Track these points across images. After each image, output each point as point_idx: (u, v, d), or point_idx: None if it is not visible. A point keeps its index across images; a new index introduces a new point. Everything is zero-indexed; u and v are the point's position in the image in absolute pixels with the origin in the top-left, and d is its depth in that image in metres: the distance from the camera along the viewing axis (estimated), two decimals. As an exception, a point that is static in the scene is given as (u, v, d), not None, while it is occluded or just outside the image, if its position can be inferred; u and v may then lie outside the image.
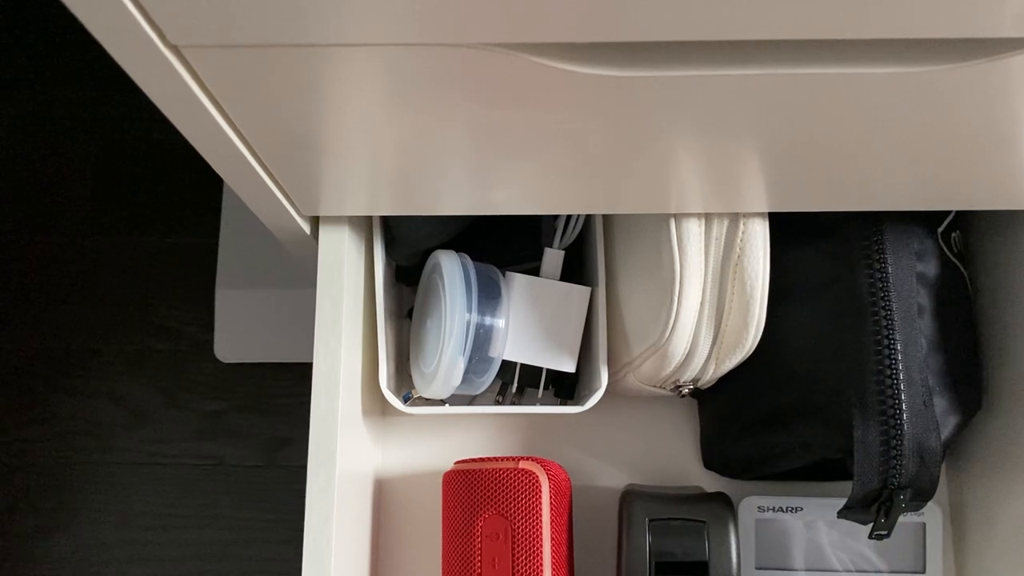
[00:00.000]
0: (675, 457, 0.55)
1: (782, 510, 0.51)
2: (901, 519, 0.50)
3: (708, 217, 0.43)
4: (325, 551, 0.42)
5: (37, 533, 0.86)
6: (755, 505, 0.52)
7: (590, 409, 0.49)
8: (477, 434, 0.56)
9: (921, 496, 0.43)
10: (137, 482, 0.88)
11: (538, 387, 0.52)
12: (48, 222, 0.93)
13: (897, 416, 0.42)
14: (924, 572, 0.50)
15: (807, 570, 0.51)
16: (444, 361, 0.46)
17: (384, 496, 0.55)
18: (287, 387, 0.87)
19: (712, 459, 0.53)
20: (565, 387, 0.53)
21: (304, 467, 0.42)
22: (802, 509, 0.51)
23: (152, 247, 0.91)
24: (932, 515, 0.51)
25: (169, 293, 0.90)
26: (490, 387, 0.50)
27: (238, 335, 0.87)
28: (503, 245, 0.52)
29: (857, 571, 0.51)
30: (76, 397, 0.89)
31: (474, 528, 0.47)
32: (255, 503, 0.86)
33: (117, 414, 0.89)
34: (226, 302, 0.87)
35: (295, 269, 0.81)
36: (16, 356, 0.90)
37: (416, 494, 0.55)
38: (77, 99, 0.96)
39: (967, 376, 0.46)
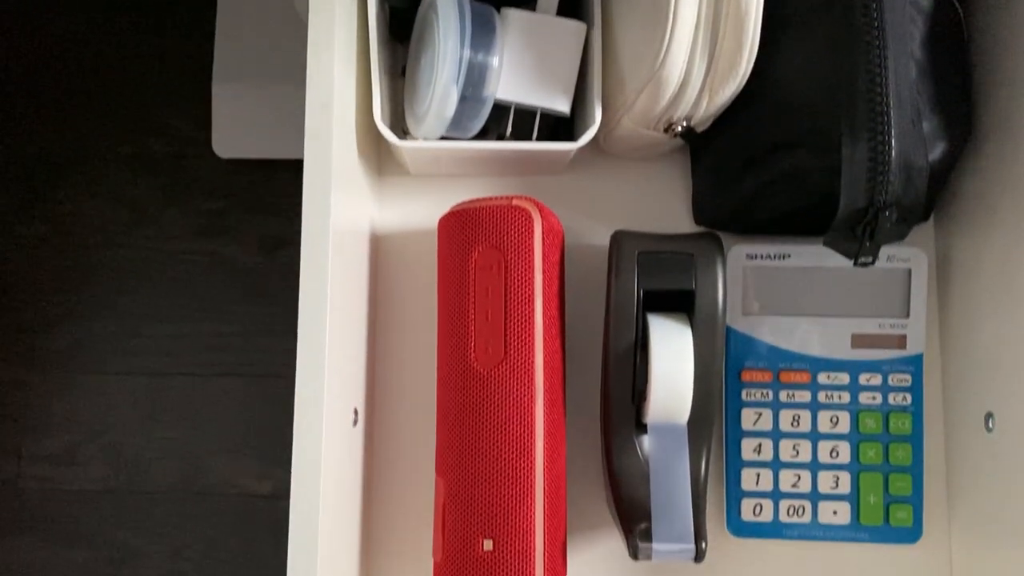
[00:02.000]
0: (666, 215, 0.56)
1: (770, 257, 0.52)
2: (887, 265, 0.52)
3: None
4: (321, 299, 0.42)
5: (40, 327, 0.88)
6: (744, 252, 0.53)
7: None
8: (472, 194, 0.56)
9: (906, 217, 0.44)
10: (139, 278, 0.89)
11: (531, 137, 0.52)
12: (44, 25, 0.91)
13: (885, 134, 0.42)
14: (908, 316, 0.52)
15: (794, 315, 0.52)
16: (437, 92, 0.46)
17: (381, 252, 0.56)
18: (285, 186, 0.87)
19: (704, 212, 0.54)
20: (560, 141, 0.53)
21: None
22: (790, 256, 0.52)
23: (149, 48, 0.90)
24: (918, 261, 0.52)
25: (167, 93, 0.89)
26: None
27: (235, 130, 0.86)
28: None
29: (843, 316, 0.52)
30: (77, 197, 0.90)
31: (468, 261, 0.48)
32: (255, 298, 0.87)
33: (118, 213, 0.89)
34: (223, 96, 0.86)
35: (292, 63, 0.80)
36: (16, 159, 0.90)
37: (413, 250, 0.56)
38: None
39: (956, 106, 0.46)
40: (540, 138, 0.52)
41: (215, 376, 0.86)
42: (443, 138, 0.50)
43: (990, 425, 0.48)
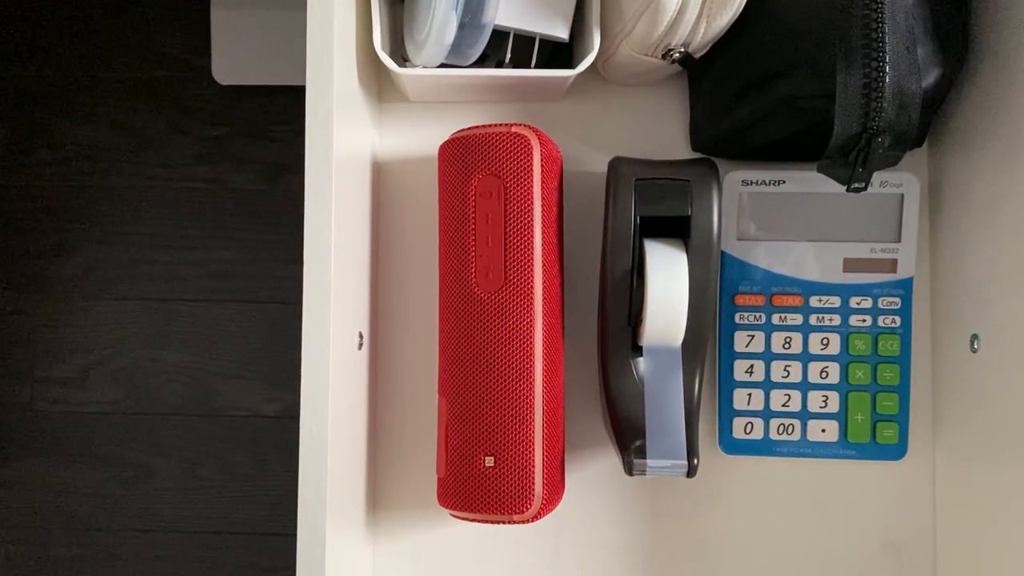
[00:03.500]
0: (664, 142, 0.56)
1: (765, 183, 0.53)
2: (879, 191, 0.53)
3: None
4: (325, 225, 0.43)
5: (46, 254, 0.89)
6: (739, 179, 0.53)
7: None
8: (472, 120, 0.57)
9: (899, 143, 0.44)
10: (142, 205, 0.90)
11: (529, 64, 0.52)
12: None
13: (880, 59, 0.42)
14: (899, 241, 0.53)
15: (788, 240, 0.53)
16: (437, 18, 0.47)
17: (383, 178, 0.57)
18: (285, 113, 0.88)
19: (700, 138, 0.54)
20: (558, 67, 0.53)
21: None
22: (784, 182, 0.53)
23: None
24: (910, 186, 0.52)
25: (168, 20, 0.89)
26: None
27: (235, 56, 0.86)
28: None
29: (835, 241, 0.53)
30: (79, 124, 0.90)
31: (468, 188, 0.49)
32: (258, 224, 0.88)
33: (120, 140, 0.90)
34: (222, 21, 0.86)
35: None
36: (16, 85, 0.90)
37: (414, 176, 0.57)
38: None
39: (951, 31, 0.46)
40: (539, 65, 0.52)
41: (222, 301, 0.88)
42: (442, 65, 0.51)
43: (975, 346, 0.49)
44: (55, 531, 0.85)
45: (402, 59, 0.53)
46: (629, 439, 0.49)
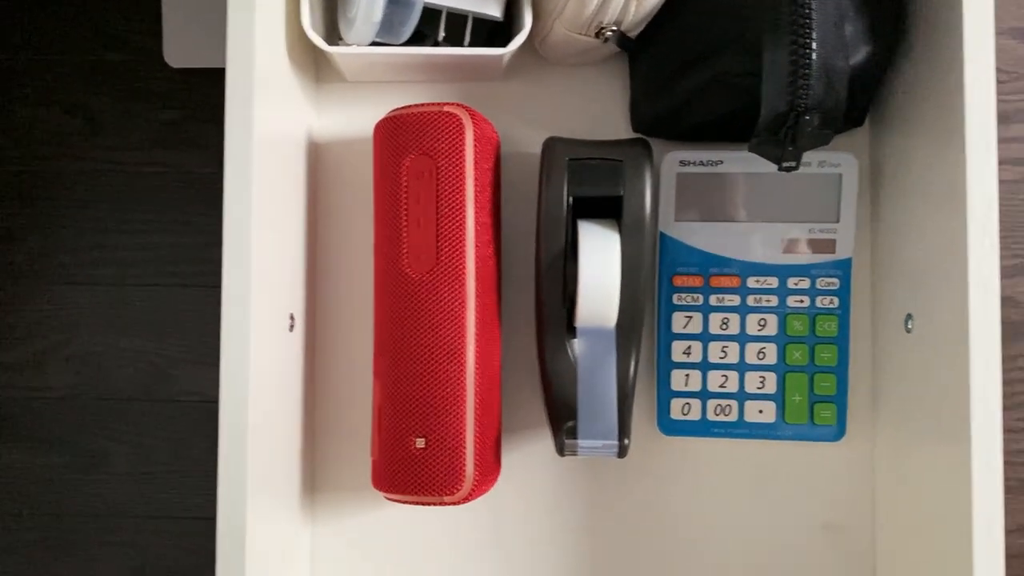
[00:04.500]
0: (605, 122, 0.56)
1: (703, 163, 0.53)
2: (818, 170, 0.52)
3: None
4: (245, 205, 0.43)
5: (1, 237, 0.88)
6: (677, 159, 0.53)
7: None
8: (411, 100, 0.56)
9: (829, 121, 0.44)
10: (96, 189, 0.89)
11: (463, 43, 0.52)
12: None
13: (807, 36, 0.42)
14: (838, 221, 0.53)
15: (726, 221, 0.53)
16: (364, -5, 0.46)
17: (321, 159, 0.56)
18: (241, 95, 0.87)
19: (640, 118, 0.54)
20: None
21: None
22: (722, 162, 0.53)
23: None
24: (848, 166, 0.52)
25: (121, 3, 0.88)
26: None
27: (187, 39, 0.85)
28: None
29: (774, 221, 0.53)
30: (32, 107, 0.89)
31: (400, 168, 0.49)
32: (213, 209, 0.88)
33: (73, 123, 0.89)
34: (173, 4, 0.85)
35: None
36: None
37: (353, 157, 0.56)
38: None
39: (885, 9, 0.46)
40: (477, 44, 0.52)
41: (176, 286, 0.87)
42: (376, 44, 0.50)
43: (909, 326, 0.49)
44: (8, 517, 0.84)
45: (339, 38, 0.53)
46: (562, 420, 0.49)
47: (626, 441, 0.48)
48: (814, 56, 0.42)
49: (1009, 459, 0.82)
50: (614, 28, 0.48)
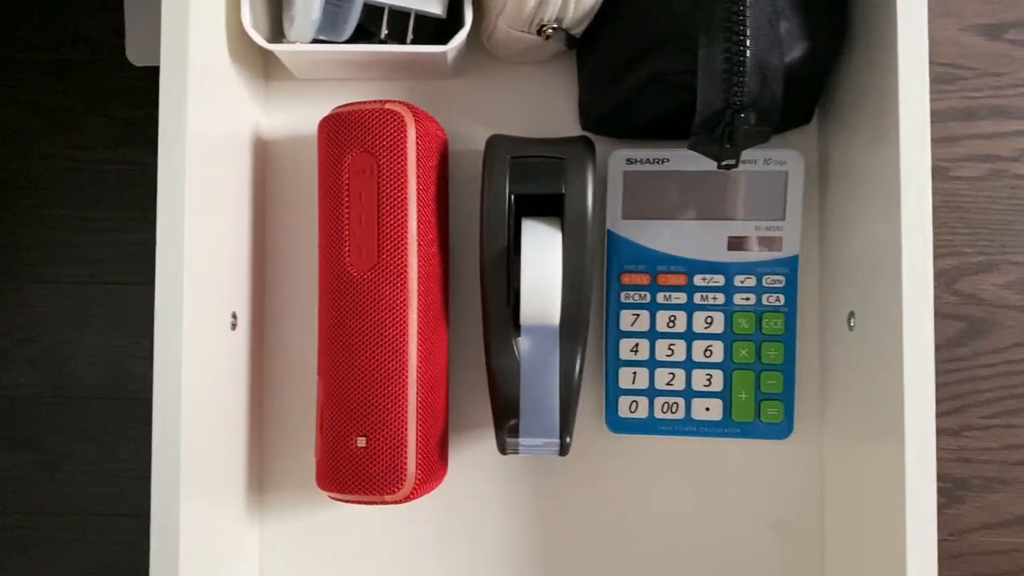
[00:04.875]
0: (554, 120, 0.56)
1: (649, 162, 0.53)
2: (763, 168, 0.52)
3: None
4: (178, 202, 0.43)
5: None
6: (623, 157, 0.53)
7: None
8: (359, 98, 0.56)
9: (765, 118, 0.44)
10: (61, 187, 0.89)
11: (405, 40, 0.52)
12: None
13: (741, 34, 0.42)
14: (784, 219, 0.53)
15: (673, 219, 0.53)
16: (302, -8, 0.46)
17: (270, 156, 0.56)
18: (205, 93, 0.87)
19: (587, 117, 0.54)
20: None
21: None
22: (668, 160, 0.53)
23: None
24: (794, 163, 0.52)
25: (85, 2, 0.87)
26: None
27: (149, 37, 0.85)
28: None
29: (720, 219, 0.53)
30: (-6, 105, 0.89)
31: (342, 166, 0.48)
32: (179, 206, 0.87)
33: (36, 121, 0.89)
34: (135, 3, 0.84)
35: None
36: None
37: (302, 155, 0.56)
38: None
39: (824, 6, 0.46)
40: (424, 42, 0.52)
41: (140, 284, 0.87)
42: (320, 41, 0.50)
43: (851, 323, 0.49)
44: (-23, 517, 0.84)
45: (284, 37, 0.53)
46: (505, 418, 0.49)
47: (568, 439, 0.48)
48: (748, 53, 0.42)
49: (973, 457, 0.82)
50: (555, 26, 0.48)
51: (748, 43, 0.42)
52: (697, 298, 0.53)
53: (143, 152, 0.85)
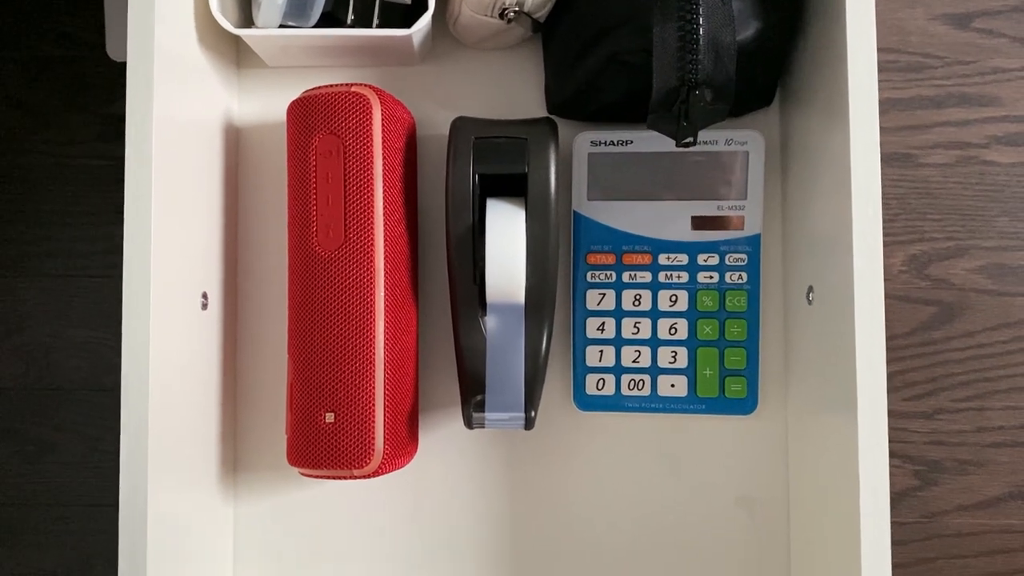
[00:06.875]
0: (521, 104, 0.57)
1: (613, 143, 0.54)
2: (725, 148, 0.54)
3: None
4: (145, 185, 0.44)
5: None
6: (588, 139, 0.54)
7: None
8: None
9: (721, 96, 0.45)
10: (43, 182, 0.90)
11: (371, 25, 0.53)
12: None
13: (693, 12, 0.43)
14: (746, 198, 0.54)
15: (637, 199, 0.54)
16: (267, -22, 0.47)
17: (242, 142, 0.57)
18: (185, 88, 0.88)
19: (554, 101, 0.55)
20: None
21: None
22: (632, 142, 0.54)
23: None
24: (755, 143, 0.53)
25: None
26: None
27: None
28: None
29: (683, 199, 0.54)
30: (-25, 101, 0.90)
31: (309, 148, 0.49)
32: (160, 199, 0.88)
33: (18, 117, 0.90)
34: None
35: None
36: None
37: (273, 140, 0.57)
38: None
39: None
40: (391, 27, 0.53)
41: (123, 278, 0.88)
42: (288, 26, 0.51)
43: (810, 298, 0.50)
44: (-38, 510, 0.85)
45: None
46: (472, 394, 0.50)
47: (533, 413, 0.49)
48: (701, 31, 0.43)
49: (946, 440, 0.83)
50: (516, 9, 0.49)
51: (701, 21, 0.43)
52: (662, 277, 0.54)
53: (123, 147, 0.86)
